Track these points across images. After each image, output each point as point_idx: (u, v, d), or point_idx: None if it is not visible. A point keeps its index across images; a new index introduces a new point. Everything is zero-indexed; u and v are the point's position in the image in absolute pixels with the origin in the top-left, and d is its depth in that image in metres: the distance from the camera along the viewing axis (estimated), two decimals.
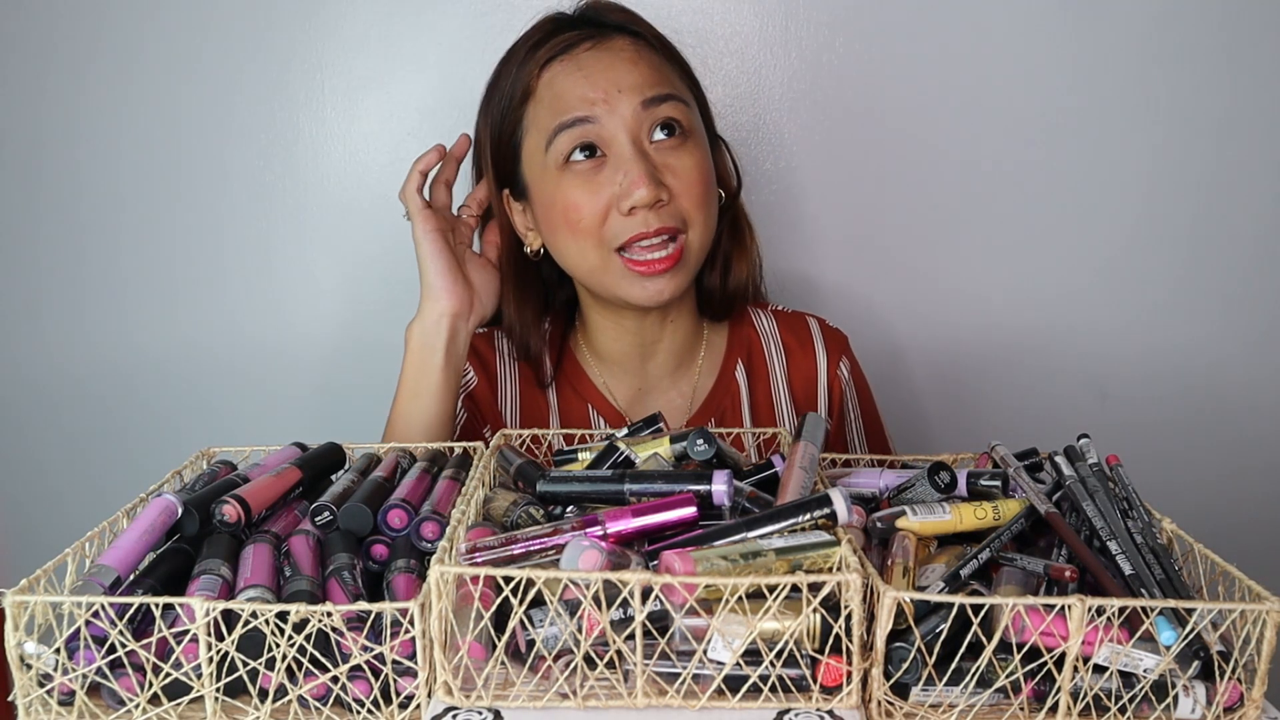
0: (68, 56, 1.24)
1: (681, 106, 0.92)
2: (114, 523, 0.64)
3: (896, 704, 0.54)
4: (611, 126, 0.89)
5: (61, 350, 1.32)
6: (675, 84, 0.94)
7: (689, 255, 0.92)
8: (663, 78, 0.92)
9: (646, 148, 0.90)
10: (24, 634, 0.53)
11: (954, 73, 1.22)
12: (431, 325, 0.93)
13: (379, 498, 0.67)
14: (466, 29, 1.23)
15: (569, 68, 0.91)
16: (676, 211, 0.90)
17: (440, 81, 1.25)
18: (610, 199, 0.89)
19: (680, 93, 0.93)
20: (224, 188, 1.27)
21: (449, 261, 0.94)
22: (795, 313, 1.08)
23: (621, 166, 0.89)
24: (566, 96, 0.90)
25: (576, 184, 0.90)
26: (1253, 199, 1.25)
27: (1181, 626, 0.52)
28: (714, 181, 0.95)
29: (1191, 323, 1.29)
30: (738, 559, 0.53)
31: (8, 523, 1.38)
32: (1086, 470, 0.65)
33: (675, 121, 0.91)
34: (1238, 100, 1.23)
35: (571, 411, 1.02)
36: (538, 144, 0.92)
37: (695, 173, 0.91)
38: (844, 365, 1.06)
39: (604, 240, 0.90)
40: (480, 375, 1.03)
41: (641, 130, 0.90)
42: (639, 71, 0.91)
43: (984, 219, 1.27)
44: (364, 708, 0.54)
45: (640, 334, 1.00)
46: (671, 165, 0.90)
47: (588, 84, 0.90)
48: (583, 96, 0.89)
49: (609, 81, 0.90)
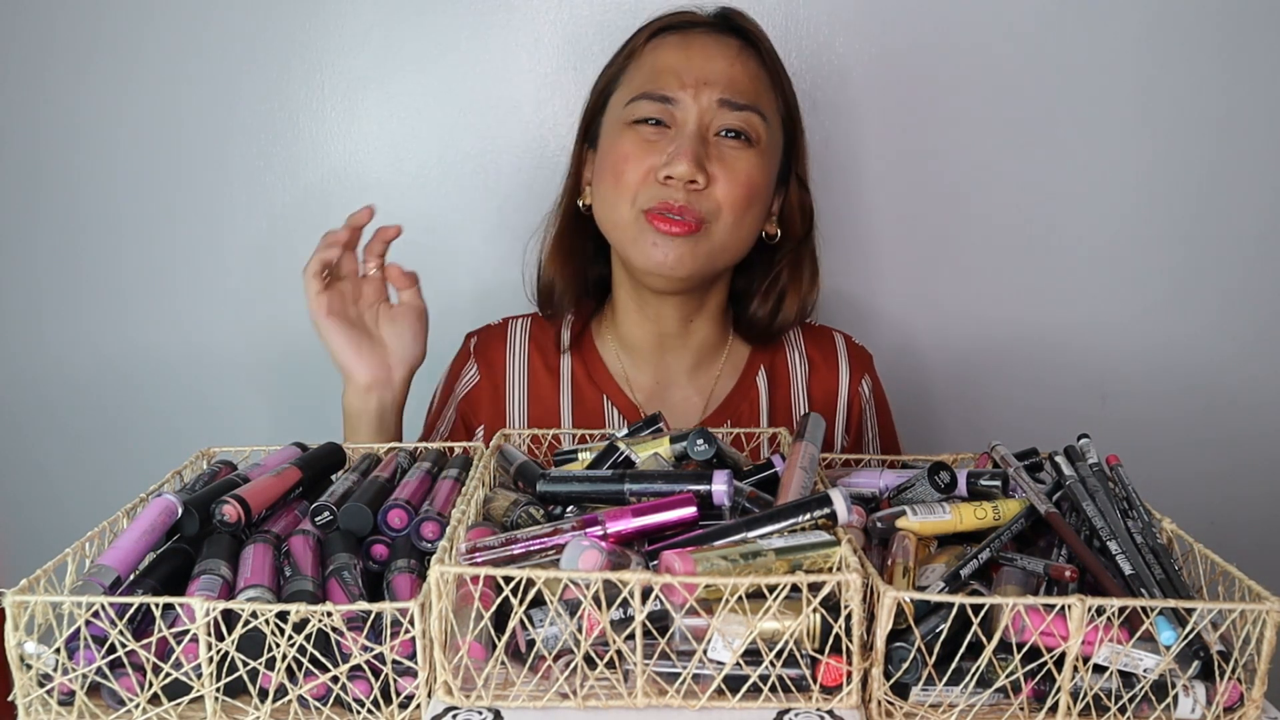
0: (68, 56, 1.24)
1: (757, 120, 0.93)
2: (114, 523, 0.64)
3: (896, 704, 0.54)
4: (686, 110, 0.92)
5: (61, 350, 1.32)
6: (765, 100, 0.95)
7: (709, 241, 0.93)
8: (755, 89, 0.94)
9: (709, 137, 0.92)
10: (24, 634, 0.53)
11: (954, 73, 1.22)
12: (357, 401, 0.93)
13: (379, 498, 0.67)
14: (466, 29, 1.23)
15: (676, 41, 0.95)
16: (709, 200, 0.91)
17: (440, 81, 1.25)
18: (656, 164, 0.91)
19: (764, 109, 0.94)
20: (224, 187, 1.27)
21: (351, 337, 0.92)
22: (822, 327, 1.10)
23: (678, 141, 0.91)
24: (661, 68, 0.94)
25: (635, 141, 0.93)
26: (1252, 199, 1.25)
27: (1181, 626, 0.52)
28: (760, 193, 0.94)
29: (1191, 322, 1.29)
30: (738, 559, 0.53)
31: (8, 523, 1.38)
32: (1086, 470, 0.65)
33: (744, 130, 0.92)
34: (1237, 100, 1.23)
35: (585, 403, 1.02)
36: (621, 99, 0.96)
37: (743, 175, 0.92)
38: (866, 383, 1.07)
39: (636, 199, 0.92)
40: (484, 373, 1.04)
41: (710, 122, 0.92)
42: (734, 71, 0.93)
43: (982, 219, 1.27)
44: (364, 708, 0.54)
45: (661, 324, 1.01)
46: (725, 160, 0.92)
47: (685, 64, 0.93)
48: (676, 75, 0.92)
49: (704, 70, 0.92)
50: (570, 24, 1.23)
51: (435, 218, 1.28)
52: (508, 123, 1.26)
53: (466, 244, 1.29)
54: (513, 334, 1.06)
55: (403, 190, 1.27)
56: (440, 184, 1.27)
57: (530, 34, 1.23)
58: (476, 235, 1.28)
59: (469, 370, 1.05)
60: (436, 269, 1.29)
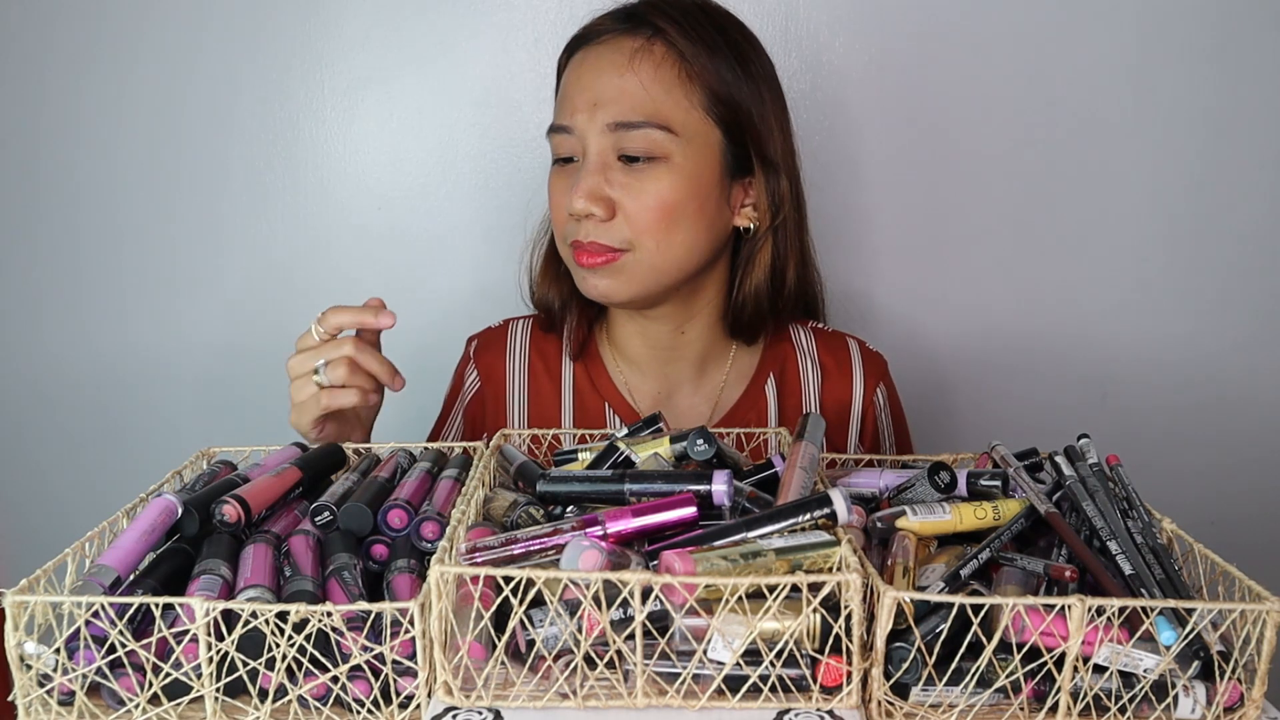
0: (68, 56, 1.24)
1: (654, 134, 0.87)
2: (114, 523, 0.64)
3: (896, 704, 0.54)
4: (585, 137, 0.89)
5: (61, 350, 1.32)
6: (665, 104, 0.87)
7: (629, 268, 0.90)
8: (648, 98, 0.87)
9: (610, 163, 0.88)
10: (24, 634, 0.53)
11: (954, 74, 1.22)
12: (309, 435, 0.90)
13: (379, 498, 0.67)
14: (466, 29, 1.23)
15: (576, 60, 0.92)
16: (619, 231, 0.88)
17: (440, 81, 1.25)
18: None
19: (664, 117, 0.87)
20: (224, 187, 1.27)
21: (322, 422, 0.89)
22: (835, 332, 1.06)
23: (579, 174, 0.89)
24: (564, 95, 0.92)
25: (555, 178, 0.93)
26: (1252, 198, 1.25)
27: (1181, 626, 0.52)
28: (685, 206, 0.88)
29: (1191, 322, 1.29)
30: (738, 559, 0.53)
31: (8, 523, 1.38)
32: (1086, 470, 0.65)
33: (642, 153, 0.87)
34: (1236, 100, 1.23)
35: (587, 410, 1.01)
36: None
37: (650, 199, 0.87)
38: (881, 391, 1.04)
39: (565, 236, 0.92)
40: (484, 377, 1.03)
41: (607, 149, 0.88)
42: (622, 85, 0.87)
43: (982, 220, 1.27)
44: (364, 708, 0.54)
45: (651, 336, 1.00)
46: (629, 186, 0.88)
47: (577, 89, 0.90)
48: (569, 102, 0.90)
49: (593, 92, 0.88)
50: (570, 24, 1.22)
51: (435, 217, 1.28)
52: (508, 123, 1.26)
53: (466, 244, 1.29)
54: (513, 337, 1.04)
55: (402, 190, 1.27)
56: (440, 184, 1.27)
57: (530, 34, 1.23)
58: (476, 235, 1.28)
59: (470, 375, 1.04)
60: (436, 269, 1.30)
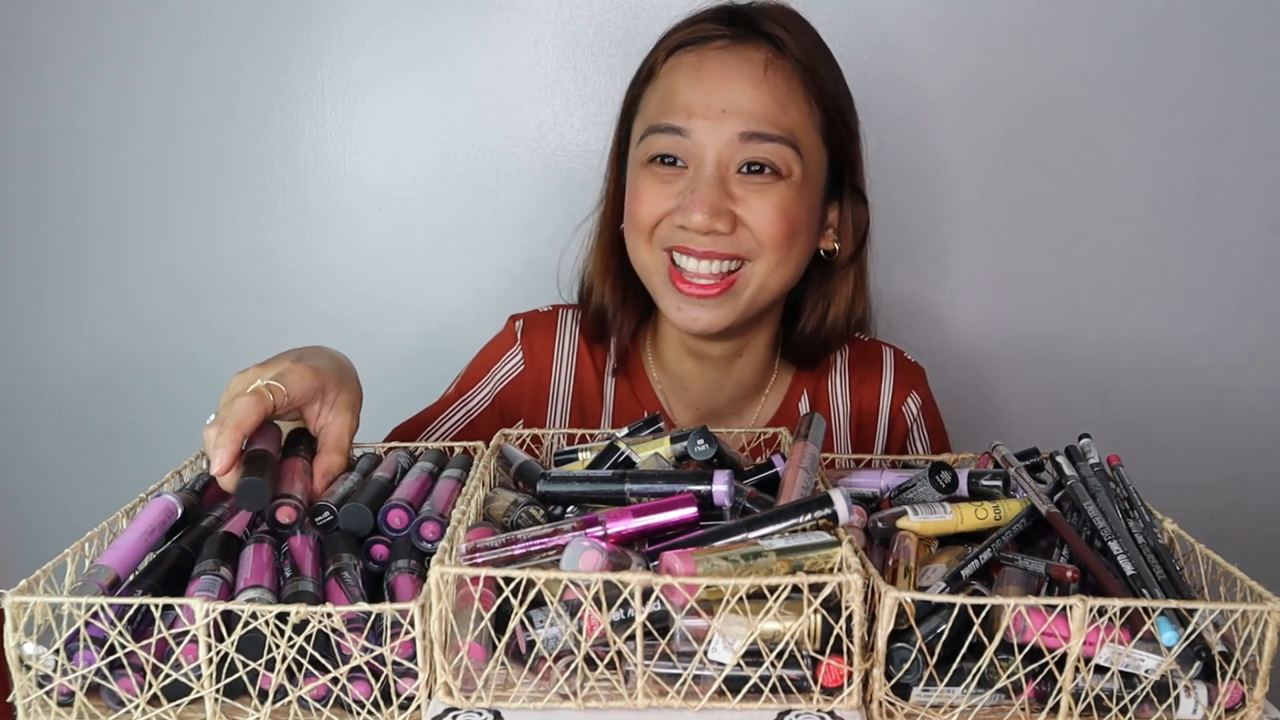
0: (68, 56, 1.24)
1: (785, 151, 0.84)
2: (113, 523, 0.63)
3: (898, 704, 0.54)
4: (702, 144, 0.84)
5: (61, 350, 1.32)
6: (794, 121, 0.85)
7: (745, 287, 0.87)
8: (779, 111, 0.84)
9: (729, 175, 0.85)
10: (23, 635, 0.52)
11: (954, 74, 1.22)
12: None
13: (379, 498, 0.67)
14: (466, 29, 1.23)
15: (691, 63, 0.87)
16: (742, 243, 0.85)
17: (440, 81, 1.25)
18: (673, 208, 0.86)
19: (794, 134, 0.85)
20: (224, 187, 1.27)
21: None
22: (872, 341, 1.04)
23: (694, 184, 0.85)
24: (675, 96, 0.86)
25: (650, 181, 0.88)
26: (1253, 199, 1.25)
27: (1183, 627, 0.52)
28: (801, 225, 0.87)
29: (1192, 322, 1.29)
30: (738, 559, 0.53)
31: (8, 523, 1.38)
32: (1088, 470, 0.65)
33: (769, 164, 0.84)
34: (1238, 101, 1.23)
35: (626, 413, 0.98)
36: (639, 129, 0.90)
37: (772, 213, 0.84)
38: (913, 401, 1.02)
39: (655, 240, 0.88)
40: (529, 361, 0.99)
41: (731, 159, 0.85)
42: (756, 96, 0.84)
43: (983, 220, 1.27)
44: (364, 709, 0.54)
45: (703, 361, 0.96)
46: (750, 200, 0.85)
47: (699, 91, 0.85)
48: (687, 104, 0.85)
49: (720, 98, 0.84)
50: (570, 24, 1.23)
51: (434, 217, 1.28)
52: (508, 123, 1.26)
53: (466, 244, 1.29)
54: (563, 326, 1.00)
55: (402, 190, 1.27)
56: (440, 184, 1.27)
57: (530, 34, 1.23)
58: (476, 235, 1.28)
59: (513, 357, 0.99)
60: (435, 269, 1.30)
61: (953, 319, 1.30)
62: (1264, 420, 1.31)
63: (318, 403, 0.72)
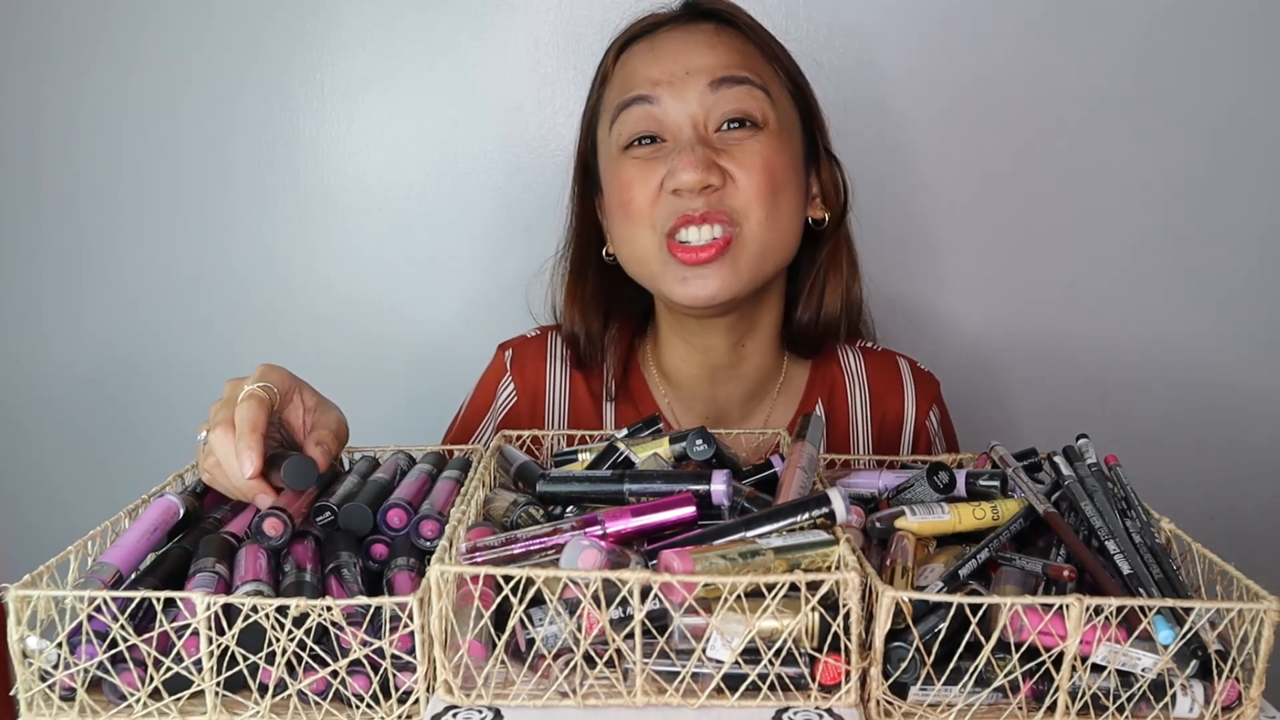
0: (68, 56, 1.24)
1: (757, 94, 0.85)
2: (116, 523, 0.64)
3: (895, 703, 0.54)
4: (674, 110, 0.85)
5: (62, 350, 1.32)
6: (758, 70, 0.86)
7: (739, 250, 0.85)
8: (743, 60, 0.86)
9: (709, 135, 0.85)
10: (26, 629, 0.53)
11: (954, 74, 1.22)
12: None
13: (379, 498, 0.67)
14: (466, 29, 1.23)
15: (643, 48, 0.88)
16: (730, 200, 0.84)
17: (440, 82, 1.25)
18: (662, 179, 0.85)
19: (761, 79, 0.86)
20: (224, 187, 1.27)
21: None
22: (885, 351, 1.03)
23: (677, 149, 0.84)
24: (635, 76, 0.87)
25: (634, 165, 0.87)
26: (1254, 199, 1.25)
27: (1179, 626, 0.52)
28: (786, 178, 0.86)
29: (1191, 322, 1.29)
30: (736, 558, 0.53)
31: (9, 523, 1.38)
32: (1085, 470, 0.65)
33: (746, 114, 0.84)
34: (1238, 101, 1.23)
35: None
36: (606, 126, 0.89)
37: (758, 160, 0.84)
38: (934, 415, 1.01)
39: (654, 223, 0.86)
40: (521, 392, 0.98)
41: (708, 117, 0.85)
42: (715, 53, 0.85)
43: (983, 220, 1.27)
44: (363, 703, 0.54)
45: (709, 354, 0.95)
46: (734, 153, 0.84)
47: (657, 64, 0.86)
48: (648, 76, 0.86)
49: (678, 63, 0.85)
50: (570, 24, 1.23)
51: (435, 218, 1.28)
52: (508, 123, 1.26)
53: (466, 244, 1.29)
54: (553, 349, 0.99)
55: (402, 190, 1.27)
56: (440, 184, 1.27)
57: (530, 34, 1.23)
58: (476, 235, 1.28)
59: (505, 388, 0.98)
60: (435, 269, 1.30)
61: (952, 319, 1.30)
62: (1263, 420, 1.31)
63: (296, 400, 0.71)
